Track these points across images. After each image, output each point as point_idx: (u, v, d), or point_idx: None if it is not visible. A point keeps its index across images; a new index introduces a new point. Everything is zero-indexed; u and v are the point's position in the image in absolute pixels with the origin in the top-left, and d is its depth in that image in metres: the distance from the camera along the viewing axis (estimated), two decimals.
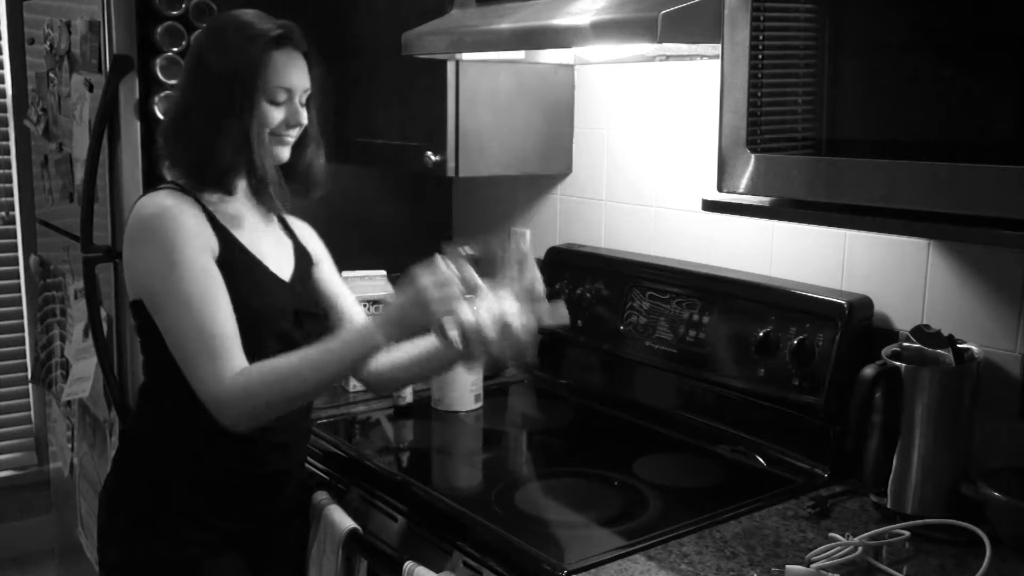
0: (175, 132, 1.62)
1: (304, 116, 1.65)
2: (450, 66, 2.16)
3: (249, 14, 1.62)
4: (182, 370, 1.52)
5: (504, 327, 1.51)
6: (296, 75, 1.62)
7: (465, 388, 2.07)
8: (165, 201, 1.57)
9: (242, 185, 1.64)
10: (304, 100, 1.65)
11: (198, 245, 1.54)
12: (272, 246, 1.70)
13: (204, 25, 1.67)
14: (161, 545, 1.62)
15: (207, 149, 1.58)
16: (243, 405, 1.49)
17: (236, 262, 1.59)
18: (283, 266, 1.70)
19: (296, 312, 1.67)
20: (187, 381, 1.53)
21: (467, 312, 1.49)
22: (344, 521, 1.69)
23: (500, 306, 1.53)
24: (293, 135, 1.66)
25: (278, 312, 1.64)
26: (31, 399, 3.59)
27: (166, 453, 1.63)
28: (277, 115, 1.61)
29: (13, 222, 3.47)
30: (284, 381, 1.50)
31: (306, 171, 1.71)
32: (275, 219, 1.76)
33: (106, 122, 2.17)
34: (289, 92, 1.61)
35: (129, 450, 1.70)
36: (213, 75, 1.58)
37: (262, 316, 1.60)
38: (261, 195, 1.65)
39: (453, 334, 1.51)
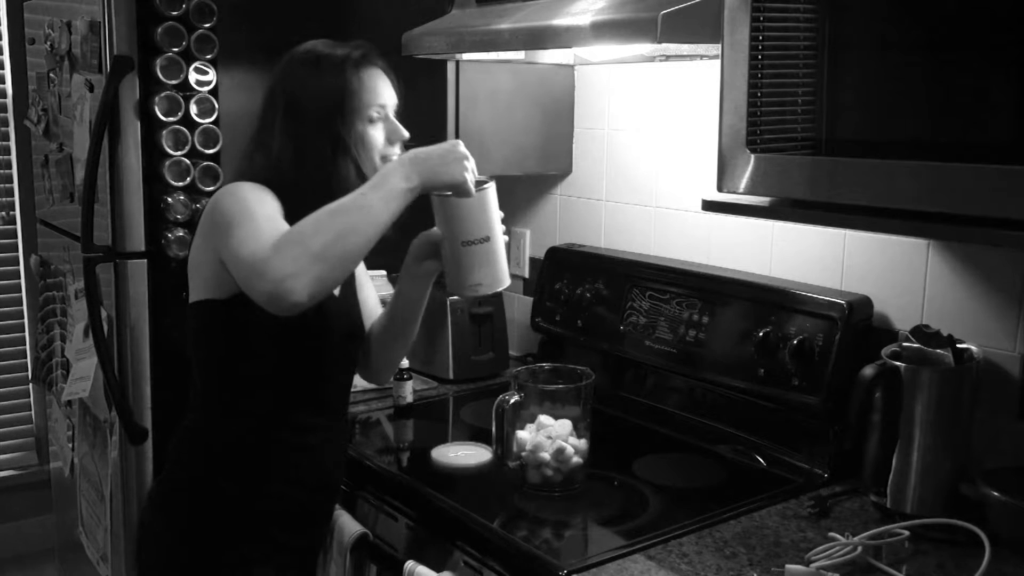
0: (287, 177, 1.54)
1: (404, 130, 1.61)
2: (450, 66, 2.16)
3: (320, 46, 1.58)
4: (236, 276, 1.43)
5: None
6: (386, 90, 1.59)
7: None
8: (239, 183, 1.53)
9: None
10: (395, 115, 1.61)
11: (275, 207, 1.49)
12: None
13: (278, 67, 1.60)
14: (234, 573, 1.56)
15: (333, 190, 1.51)
16: (284, 259, 1.36)
17: None
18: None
19: (349, 334, 1.66)
20: (250, 390, 1.51)
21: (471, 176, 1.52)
22: (352, 526, 1.69)
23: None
24: (397, 151, 1.61)
25: (331, 334, 1.60)
26: (31, 399, 3.59)
27: (235, 471, 1.56)
28: (379, 135, 1.57)
29: (13, 222, 3.47)
30: (317, 221, 1.40)
31: None
32: None
33: (106, 122, 2.16)
34: (383, 108, 1.58)
35: (187, 471, 1.61)
36: (310, 115, 1.53)
37: (322, 337, 1.56)
38: None
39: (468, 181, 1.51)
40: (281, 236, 1.40)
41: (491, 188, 1.54)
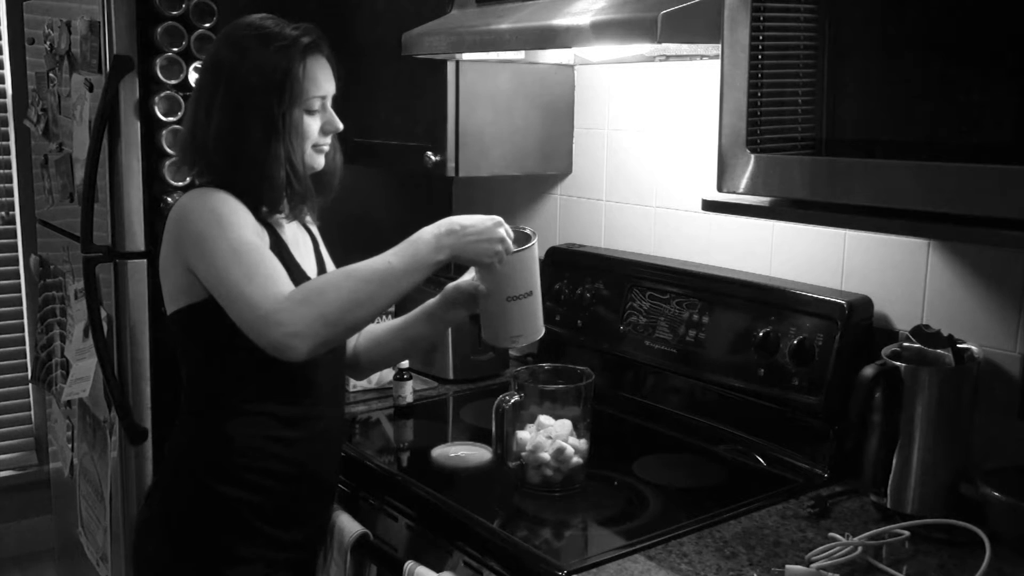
0: (224, 154, 1.53)
1: (339, 122, 1.61)
2: (450, 66, 2.16)
3: (268, 22, 1.56)
4: (230, 308, 1.44)
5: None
6: (327, 81, 1.58)
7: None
8: (205, 189, 1.53)
9: None
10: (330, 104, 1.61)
11: (245, 219, 1.50)
12: (298, 242, 1.67)
13: (221, 36, 1.58)
14: (229, 571, 1.57)
15: (263, 172, 1.52)
16: (295, 316, 1.40)
17: (280, 262, 1.54)
18: (309, 264, 1.67)
19: None
20: (236, 388, 1.50)
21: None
22: (352, 526, 1.69)
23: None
24: (329, 142, 1.62)
25: None
26: (31, 399, 3.59)
27: (226, 469, 1.56)
28: (315, 125, 1.57)
29: (13, 222, 3.47)
30: (337, 286, 1.44)
31: (330, 176, 1.67)
32: None
33: (106, 122, 2.17)
34: (323, 100, 1.58)
35: (181, 469, 1.61)
36: (250, 93, 1.51)
37: None
38: (297, 210, 1.61)
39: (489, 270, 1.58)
40: (297, 291, 1.44)
41: (535, 245, 1.61)
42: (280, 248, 1.57)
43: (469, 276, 1.67)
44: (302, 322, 1.40)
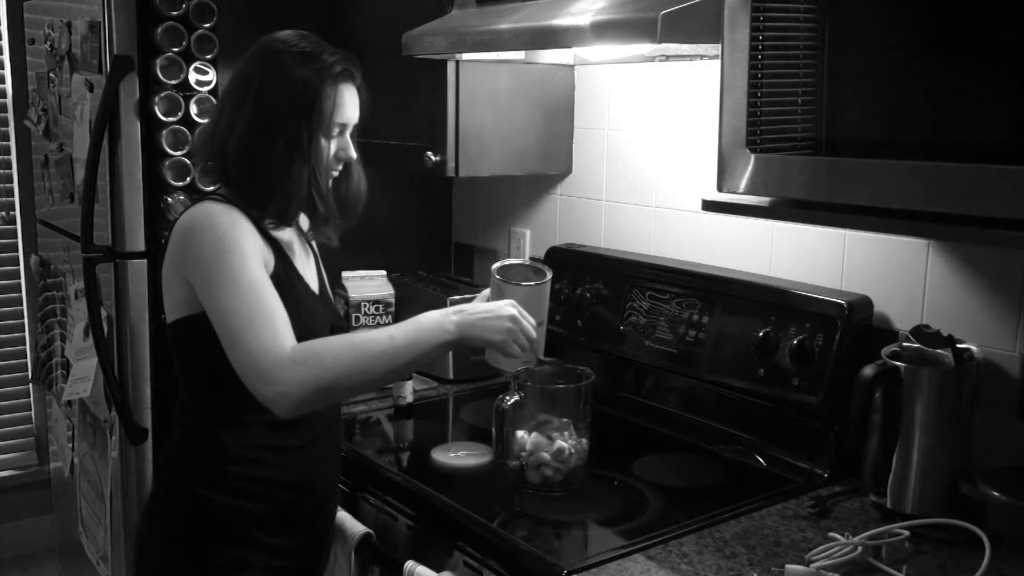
0: (241, 165, 1.53)
1: (353, 150, 1.61)
2: (450, 66, 2.16)
3: (305, 43, 1.55)
4: (228, 350, 1.43)
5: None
6: (353, 110, 1.58)
7: None
8: (216, 206, 1.52)
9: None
10: (352, 132, 1.62)
11: (252, 246, 1.50)
12: (302, 257, 1.67)
13: (255, 49, 1.57)
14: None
15: (274, 189, 1.52)
16: (290, 376, 1.39)
17: (286, 280, 1.54)
18: (312, 278, 1.67)
19: (332, 327, 1.65)
20: (233, 398, 1.49)
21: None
22: (355, 526, 1.69)
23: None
24: (339, 168, 1.62)
25: (320, 330, 1.59)
26: (31, 399, 3.59)
27: (223, 478, 1.55)
28: (330, 150, 1.57)
29: (13, 222, 3.47)
30: (337, 355, 1.43)
31: (355, 202, 1.67)
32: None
33: (106, 122, 2.17)
34: (344, 127, 1.58)
35: (179, 479, 1.60)
36: (278, 110, 1.51)
37: (310, 336, 1.52)
38: (321, 230, 1.62)
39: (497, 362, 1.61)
40: (298, 350, 1.42)
41: (549, 279, 1.64)
42: (286, 265, 1.57)
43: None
44: (296, 383, 1.40)
